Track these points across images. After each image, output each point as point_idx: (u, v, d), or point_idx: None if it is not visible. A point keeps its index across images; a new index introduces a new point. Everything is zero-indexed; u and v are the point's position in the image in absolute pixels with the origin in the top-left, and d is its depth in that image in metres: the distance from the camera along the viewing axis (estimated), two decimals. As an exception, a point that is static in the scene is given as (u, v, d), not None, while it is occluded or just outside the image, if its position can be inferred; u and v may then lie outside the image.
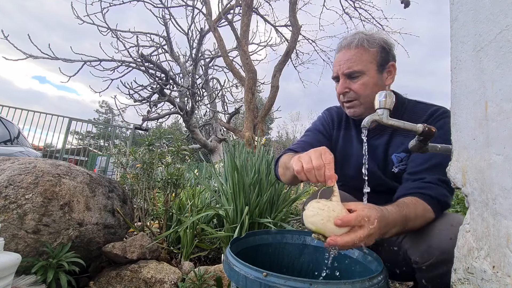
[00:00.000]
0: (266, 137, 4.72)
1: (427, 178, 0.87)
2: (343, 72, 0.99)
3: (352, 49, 0.98)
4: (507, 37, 0.44)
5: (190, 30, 6.92)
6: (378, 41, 0.98)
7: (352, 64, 0.97)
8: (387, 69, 1.01)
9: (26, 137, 4.27)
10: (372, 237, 0.66)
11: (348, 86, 0.99)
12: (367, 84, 0.97)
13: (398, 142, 1.01)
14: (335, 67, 1.02)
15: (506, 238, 0.43)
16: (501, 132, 0.44)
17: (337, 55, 1.03)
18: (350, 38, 1.00)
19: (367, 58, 0.97)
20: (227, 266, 0.68)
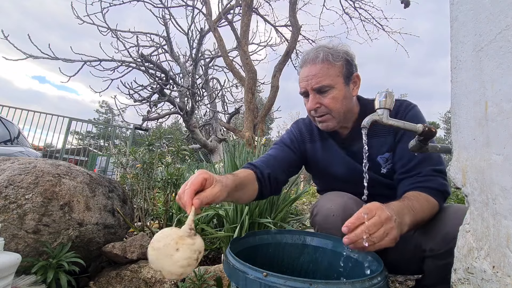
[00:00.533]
0: (266, 137, 4.73)
1: (422, 172, 0.90)
2: (313, 87, 0.98)
3: (318, 64, 0.98)
4: (507, 37, 0.44)
5: (190, 30, 6.92)
6: (341, 54, 0.99)
7: (320, 79, 0.97)
8: (352, 80, 1.02)
9: (26, 137, 4.27)
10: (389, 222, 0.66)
11: (319, 101, 0.99)
12: (337, 98, 0.98)
13: (378, 144, 1.02)
14: (302, 82, 1.01)
15: (506, 238, 0.43)
16: (501, 132, 0.44)
17: (302, 70, 1.03)
18: (313, 53, 1.00)
19: (334, 72, 0.98)
20: (227, 266, 0.67)
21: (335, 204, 0.94)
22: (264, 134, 4.86)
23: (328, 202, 0.96)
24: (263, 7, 8.24)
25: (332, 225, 0.91)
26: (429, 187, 0.86)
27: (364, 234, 0.65)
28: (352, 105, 1.04)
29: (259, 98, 16.11)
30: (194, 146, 8.45)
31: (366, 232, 0.65)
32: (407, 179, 0.93)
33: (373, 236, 0.65)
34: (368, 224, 0.65)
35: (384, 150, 1.01)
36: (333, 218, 0.92)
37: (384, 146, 1.01)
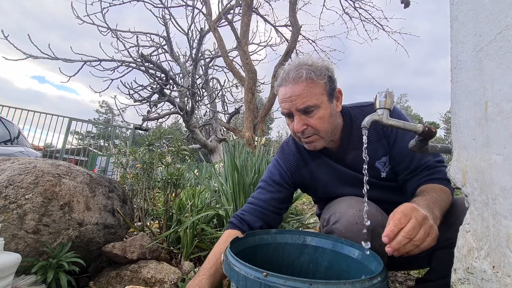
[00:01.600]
0: (266, 137, 4.72)
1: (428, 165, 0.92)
2: (298, 108, 0.92)
3: (302, 83, 0.92)
4: (507, 37, 0.44)
5: (190, 30, 6.93)
6: (324, 71, 0.94)
7: (305, 99, 0.91)
8: (335, 96, 0.98)
9: (26, 137, 4.27)
10: (427, 221, 0.65)
11: (305, 123, 0.94)
12: (324, 117, 0.94)
13: (373, 150, 0.99)
14: (285, 103, 0.95)
15: (506, 238, 0.43)
16: (501, 132, 0.44)
17: (282, 90, 0.96)
18: (295, 71, 0.93)
19: (318, 91, 0.93)
20: (227, 266, 0.67)
21: (357, 211, 0.88)
22: (264, 134, 4.86)
23: (349, 209, 0.90)
24: (263, 7, 8.25)
25: (355, 233, 0.86)
26: (439, 178, 0.88)
27: (405, 240, 0.63)
28: (337, 121, 1.01)
29: (259, 98, 16.11)
30: (194, 146, 8.45)
31: (407, 238, 0.63)
32: (416, 176, 0.94)
33: (415, 239, 0.63)
34: (407, 228, 0.63)
35: (380, 155, 1.01)
36: (356, 226, 0.86)
37: (379, 151, 1.01)
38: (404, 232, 0.63)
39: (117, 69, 6.45)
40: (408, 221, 0.65)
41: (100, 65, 6.18)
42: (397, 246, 0.63)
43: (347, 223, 0.88)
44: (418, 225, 0.64)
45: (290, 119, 0.99)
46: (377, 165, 1.02)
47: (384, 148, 1.00)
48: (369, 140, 0.98)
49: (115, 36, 6.00)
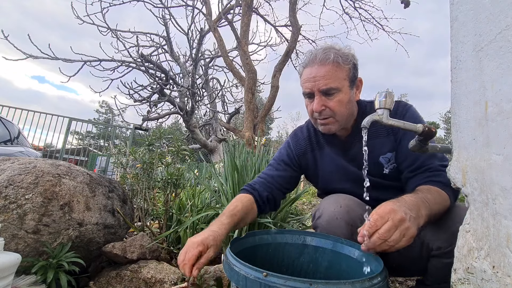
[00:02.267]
0: (266, 137, 4.73)
1: (432, 167, 0.91)
2: (320, 89, 0.95)
3: (328, 65, 0.95)
4: (507, 37, 0.44)
5: (190, 30, 6.92)
6: (350, 57, 0.97)
7: (328, 80, 0.94)
8: (356, 84, 1.02)
9: (26, 137, 4.27)
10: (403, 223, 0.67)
11: (324, 104, 0.97)
12: (343, 101, 0.96)
13: (379, 144, 1.02)
14: (307, 83, 0.98)
15: (506, 238, 0.43)
16: (501, 132, 0.44)
17: (307, 70, 0.99)
18: (322, 53, 0.96)
19: (342, 75, 0.96)
20: (227, 266, 0.67)
21: (338, 207, 0.94)
22: (264, 134, 4.86)
23: (331, 205, 0.96)
24: (263, 7, 8.25)
25: (336, 228, 0.91)
26: (440, 181, 0.87)
27: (379, 241, 0.66)
28: (354, 109, 1.03)
29: (259, 98, 16.12)
30: (194, 146, 8.45)
31: (381, 239, 0.66)
32: (418, 175, 0.93)
33: (389, 240, 0.66)
34: (382, 231, 0.66)
35: (385, 151, 1.02)
36: (337, 221, 0.91)
37: (385, 146, 1.02)
38: (379, 234, 0.66)
39: (117, 69, 6.45)
40: (384, 223, 0.66)
41: (100, 65, 6.18)
42: (371, 246, 0.67)
43: (329, 218, 0.93)
44: (394, 227, 0.66)
45: (310, 99, 1.01)
46: (380, 160, 1.02)
47: (391, 144, 1.01)
48: (378, 134, 1.01)
49: (115, 36, 6.00)
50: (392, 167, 1.02)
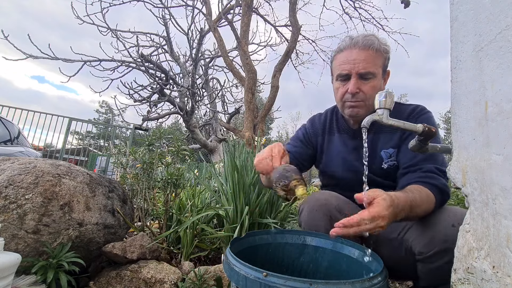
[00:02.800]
0: (266, 137, 4.72)
1: (425, 168, 0.91)
2: (358, 71, 0.98)
3: (370, 51, 0.98)
4: (507, 37, 0.44)
5: (190, 30, 6.92)
6: (387, 48, 1.02)
7: (368, 64, 0.97)
8: (385, 75, 1.05)
9: (26, 137, 4.27)
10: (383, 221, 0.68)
11: (359, 87, 0.99)
12: (376, 87, 0.99)
13: (385, 138, 1.04)
14: (347, 64, 1.00)
15: (506, 238, 0.43)
16: (501, 132, 0.44)
17: (346, 53, 1.01)
18: (364, 38, 0.99)
19: (379, 62, 1.00)
20: (227, 266, 0.67)
21: (317, 201, 1.00)
22: (264, 134, 4.86)
23: (311, 200, 1.02)
24: (263, 7, 8.25)
25: (315, 220, 0.97)
26: (432, 183, 0.87)
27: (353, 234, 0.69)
28: None
29: (259, 98, 16.12)
30: (194, 146, 8.45)
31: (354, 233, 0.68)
32: (411, 173, 0.94)
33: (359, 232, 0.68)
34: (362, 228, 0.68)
35: (388, 146, 1.03)
36: (315, 213, 0.98)
37: (390, 141, 1.03)
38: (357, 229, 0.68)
39: (117, 69, 6.44)
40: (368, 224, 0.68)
41: (100, 65, 6.18)
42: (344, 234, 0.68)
43: (308, 212, 1.00)
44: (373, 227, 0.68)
45: (343, 82, 1.03)
46: (382, 154, 1.04)
47: (396, 140, 1.02)
48: (385, 129, 1.04)
49: (115, 36, 6.00)
50: (392, 163, 1.02)
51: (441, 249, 0.78)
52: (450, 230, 0.78)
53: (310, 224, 0.98)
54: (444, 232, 0.79)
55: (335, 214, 0.95)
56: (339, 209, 0.96)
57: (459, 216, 0.80)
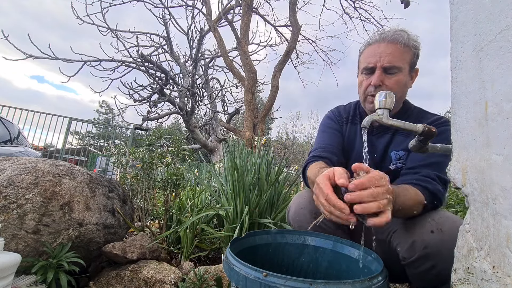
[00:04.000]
0: (266, 137, 4.72)
1: (424, 173, 0.90)
2: (383, 65, 0.97)
3: (397, 45, 0.97)
4: (507, 37, 0.44)
5: (190, 30, 6.92)
6: (417, 44, 1.01)
7: (394, 59, 0.97)
8: (413, 72, 1.04)
9: (26, 137, 4.26)
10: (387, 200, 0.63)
11: (383, 80, 0.98)
12: (400, 82, 0.98)
13: (399, 140, 1.04)
14: (371, 57, 1.00)
15: (506, 238, 0.43)
16: (501, 132, 0.44)
17: (374, 46, 1.01)
18: (394, 33, 0.99)
19: (406, 58, 0.98)
20: (227, 266, 0.67)
21: (303, 199, 1.02)
22: (264, 134, 4.86)
23: (297, 198, 1.05)
24: (263, 7, 8.25)
25: (301, 216, 0.99)
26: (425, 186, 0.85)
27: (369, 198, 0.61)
28: (404, 96, 1.05)
29: (259, 98, 16.12)
30: (194, 146, 8.45)
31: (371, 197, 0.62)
32: (407, 175, 0.94)
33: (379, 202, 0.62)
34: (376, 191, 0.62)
35: (400, 148, 1.03)
36: (301, 211, 1.00)
37: (403, 144, 1.02)
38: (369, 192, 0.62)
39: (117, 69, 6.45)
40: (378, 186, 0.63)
41: (100, 65, 6.18)
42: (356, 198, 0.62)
43: (295, 210, 1.03)
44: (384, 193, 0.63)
45: (367, 75, 1.03)
46: (391, 154, 1.03)
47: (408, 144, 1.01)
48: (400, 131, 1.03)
49: (115, 36, 6.00)
50: (400, 166, 1.02)
51: (422, 255, 0.77)
52: (428, 236, 0.76)
53: (297, 222, 1.00)
54: (422, 238, 0.77)
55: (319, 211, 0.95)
56: None
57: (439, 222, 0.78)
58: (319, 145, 1.14)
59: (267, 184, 1.67)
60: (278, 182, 1.74)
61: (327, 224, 0.98)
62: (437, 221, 0.79)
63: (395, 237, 0.89)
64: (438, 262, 0.75)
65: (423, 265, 0.78)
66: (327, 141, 1.14)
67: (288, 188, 1.87)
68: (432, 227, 0.78)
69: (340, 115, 1.20)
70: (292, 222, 1.04)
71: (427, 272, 0.78)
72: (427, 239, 0.76)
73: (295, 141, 22.30)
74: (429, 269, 0.77)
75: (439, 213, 0.83)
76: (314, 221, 0.89)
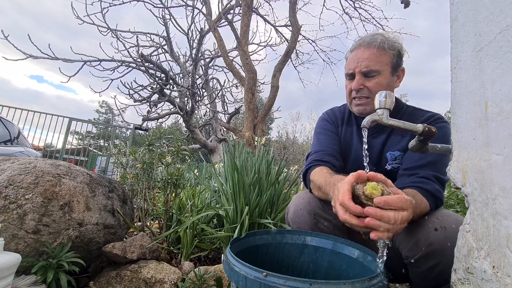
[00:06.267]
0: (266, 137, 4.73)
1: (421, 174, 0.91)
2: (361, 70, 1.01)
3: (373, 49, 1.00)
4: (507, 37, 0.44)
5: (190, 30, 6.92)
6: (396, 45, 1.02)
7: (370, 63, 0.99)
8: (397, 72, 1.05)
9: (26, 137, 4.26)
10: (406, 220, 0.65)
11: (363, 83, 1.02)
12: (381, 84, 1.00)
13: (394, 141, 1.04)
14: (351, 63, 1.04)
15: (506, 238, 0.43)
16: (501, 132, 0.44)
17: (354, 52, 1.05)
18: (370, 37, 1.02)
19: (385, 60, 1.00)
20: (227, 266, 0.67)
21: (302, 199, 1.03)
22: (264, 134, 4.87)
23: (296, 199, 1.06)
24: (263, 7, 8.25)
25: (300, 217, 1.00)
26: (426, 189, 0.86)
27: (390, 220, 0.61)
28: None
29: (259, 98, 16.11)
30: (194, 146, 8.45)
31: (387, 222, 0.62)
32: (406, 176, 0.93)
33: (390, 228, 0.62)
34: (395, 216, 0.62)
35: (396, 148, 1.03)
36: (300, 212, 1.00)
37: (399, 144, 1.03)
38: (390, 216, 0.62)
39: (117, 69, 6.45)
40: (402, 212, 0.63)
41: (100, 65, 6.18)
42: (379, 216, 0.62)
43: (294, 211, 1.04)
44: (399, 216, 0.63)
45: (350, 80, 1.06)
46: (387, 155, 1.04)
47: (404, 144, 1.02)
48: (396, 132, 1.05)
49: (115, 36, 6.00)
50: (396, 166, 1.02)
51: (425, 254, 0.78)
52: (433, 234, 0.77)
53: (296, 222, 1.01)
54: (427, 236, 0.78)
55: (318, 212, 0.99)
56: (323, 208, 0.99)
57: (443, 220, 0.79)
58: (319, 148, 1.15)
59: (267, 184, 1.67)
60: (278, 182, 1.74)
61: (325, 225, 0.98)
62: (440, 219, 0.80)
63: (397, 237, 0.89)
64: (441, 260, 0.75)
65: (427, 264, 0.78)
66: (326, 144, 1.14)
67: (288, 188, 1.87)
68: (435, 225, 0.78)
69: (336, 117, 1.22)
70: (291, 223, 1.04)
71: (430, 270, 0.78)
72: (431, 237, 0.77)
73: (295, 141, 22.31)
74: (432, 268, 0.77)
75: (441, 212, 0.84)
76: (314, 221, 0.89)
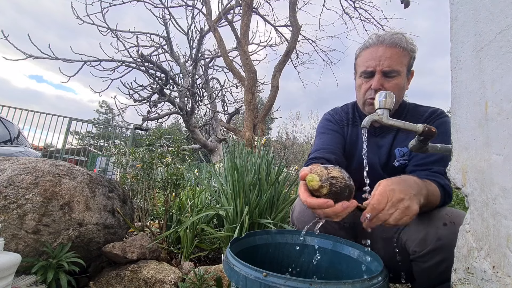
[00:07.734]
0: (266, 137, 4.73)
1: (434, 169, 0.92)
2: (383, 69, 0.98)
3: (396, 48, 0.98)
4: (507, 37, 0.44)
5: (190, 30, 6.92)
6: (414, 47, 1.01)
7: (393, 63, 0.97)
8: (409, 75, 1.05)
9: (26, 137, 4.26)
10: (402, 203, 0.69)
11: (382, 84, 0.99)
12: (399, 85, 0.99)
13: (402, 137, 1.05)
14: (372, 61, 1.00)
15: (506, 238, 0.43)
16: (501, 132, 0.44)
17: (371, 50, 1.01)
18: (392, 37, 0.99)
19: (404, 61, 0.99)
20: (227, 266, 0.67)
21: None
22: (264, 134, 4.87)
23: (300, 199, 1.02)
24: (263, 7, 8.25)
25: (307, 217, 0.97)
26: (438, 182, 0.87)
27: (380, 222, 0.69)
28: (402, 97, 1.06)
29: (259, 98, 16.11)
30: (194, 146, 8.44)
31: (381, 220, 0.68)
32: (418, 171, 0.94)
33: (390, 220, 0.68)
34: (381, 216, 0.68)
35: (404, 145, 1.03)
36: (306, 211, 0.97)
37: (407, 141, 1.03)
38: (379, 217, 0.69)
39: (117, 69, 6.45)
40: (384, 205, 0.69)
41: (100, 65, 6.18)
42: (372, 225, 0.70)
43: (299, 210, 1.01)
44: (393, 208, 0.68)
45: (366, 79, 1.03)
46: (395, 151, 1.04)
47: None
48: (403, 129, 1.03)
49: (115, 36, 6.00)
50: (404, 162, 1.03)
51: (433, 248, 0.78)
52: (442, 228, 0.78)
53: (301, 222, 1.00)
54: (436, 230, 0.79)
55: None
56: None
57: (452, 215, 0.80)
58: (318, 147, 1.14)
59: (267, 184, 1.67)
60: (278, 182, 1.74)
61: (331, 225, 0.97)
62: (449, 215, 0.81)
63: (404, 232, 0.90)
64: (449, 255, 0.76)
65: (434, 259, 0.79)
66: (327, 142, 1.13)
67: (288, 188, 1.87)
68: (445, 220, 0.79)
69: (340, 117, 1.20)
70: (297, 222, 1.03)
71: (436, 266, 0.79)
72: (440, 231, 0.78)
73: (295, 141, 22.30)
74: (438, 263, 0.78)
75: (449, 208, 0.86)
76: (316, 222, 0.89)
